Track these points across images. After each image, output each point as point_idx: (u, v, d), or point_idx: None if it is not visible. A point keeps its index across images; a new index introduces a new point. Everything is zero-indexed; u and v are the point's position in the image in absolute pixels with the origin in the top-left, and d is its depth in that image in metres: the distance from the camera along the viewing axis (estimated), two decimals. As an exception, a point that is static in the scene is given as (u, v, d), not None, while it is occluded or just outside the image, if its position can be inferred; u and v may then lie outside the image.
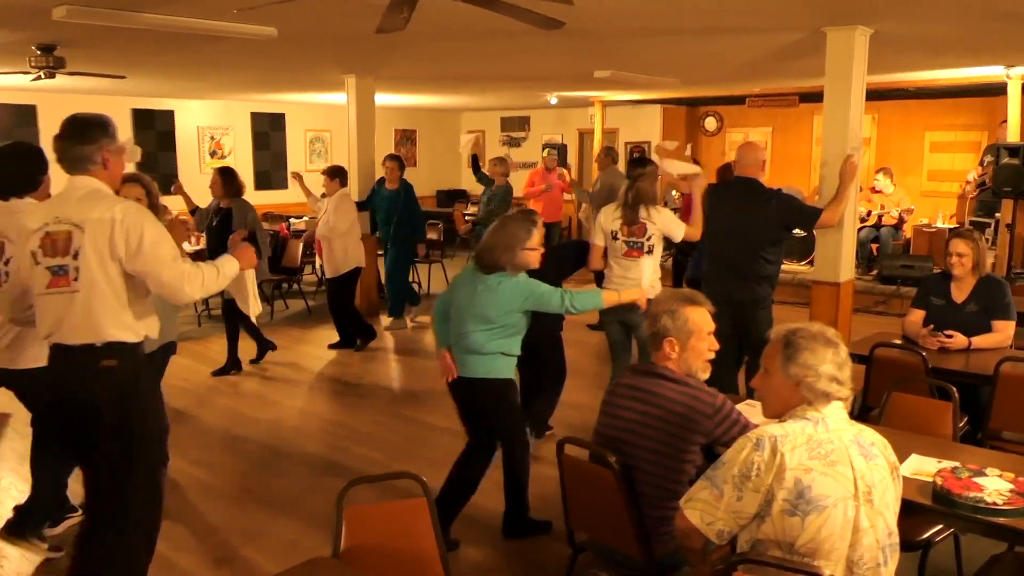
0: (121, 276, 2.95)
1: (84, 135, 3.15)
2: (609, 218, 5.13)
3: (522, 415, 4.09)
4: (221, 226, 6.75)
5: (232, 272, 3.19)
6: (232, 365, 7.17)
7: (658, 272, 5.16)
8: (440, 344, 3.96)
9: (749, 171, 5.25)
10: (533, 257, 3.75)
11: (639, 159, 5.36)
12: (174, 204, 7.53)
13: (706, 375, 3.00)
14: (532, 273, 3.79)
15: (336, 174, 7.87)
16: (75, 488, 4.04)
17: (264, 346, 7.52)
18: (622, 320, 5.02)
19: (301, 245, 9.82)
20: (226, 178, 6.90)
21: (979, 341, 4.48)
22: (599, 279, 5.76)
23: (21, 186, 3.70)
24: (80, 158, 3.09)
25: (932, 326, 4.62)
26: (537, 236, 3.76)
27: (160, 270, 2.95)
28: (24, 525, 3.85)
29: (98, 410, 2.94)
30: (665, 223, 5.08)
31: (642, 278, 5.00)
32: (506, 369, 3.85)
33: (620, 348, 5.19)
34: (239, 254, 3.25)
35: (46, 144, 11.10)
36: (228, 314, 7.09)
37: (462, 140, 9.40)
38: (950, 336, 4.50)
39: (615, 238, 5.09)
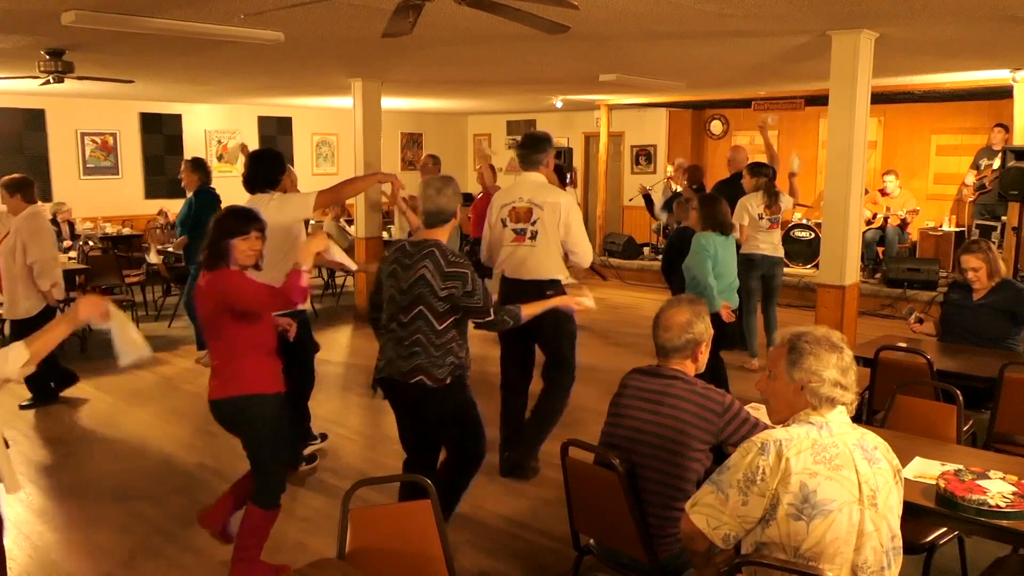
0: (559, 238, 4.62)
1: (536, 146, 4.69)
2: (755, 204, 7.14)
3: None
4: None
5: None
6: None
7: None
8: (718, 302, 5.40)
9: (741, 167, 7.62)
10: None
11: (765, 164, 7.55)
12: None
13: (702, 369, 3.10)
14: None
15: (18, 187, 6.07)
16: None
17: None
18: (763, 275, 7.23)
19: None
20: None
21: None
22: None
23: (264, 184, 4.80)
24: (533, 161, 4.68)
25: (916, 313, 5.18)
26: None
27: (578, 243, 4.62)
28: None
29: (540, 320, 4.19)
30: (787, 202, 7.42)
31: (778, 243, 7.29)
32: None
33: (756, 296, 7.26)
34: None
35: (53, 147, 11.26)
36: None
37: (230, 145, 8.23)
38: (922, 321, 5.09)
39: (760, 217, 7.12)
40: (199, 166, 7.55)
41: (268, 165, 4.90)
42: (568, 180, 11.62)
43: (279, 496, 3.65)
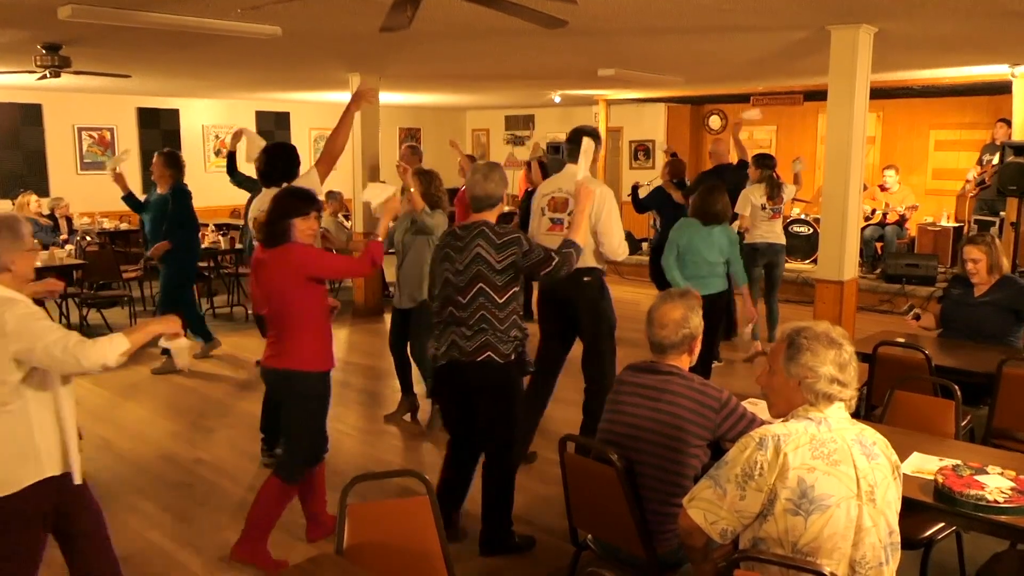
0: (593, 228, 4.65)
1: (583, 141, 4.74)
2: (758, 195, 7.38)
3: None
4: None
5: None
6: None
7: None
8: (681, 283, 5.69)
9: (724, 159, 7.95)
10: None
11: (770, 156, 7.80)
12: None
13: (695, 362, 3.11)
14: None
15: None
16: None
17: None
18: (767, 262, 7.48)
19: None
20: None
21: None
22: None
23: (282, 178, 4.88)
24: (577, 155, 4.73)
25: (916, 310, 5.07)
26: None
27: (605, 234, 4.62)
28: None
29: (579, 306, 4.70)
30: (790, 193, 7.70)
31: (780, 232, 7.53)
32: (722, 284, 5.97)
33: (757, 285, 7.51)
34: None
35: (50, 142, 11.14)
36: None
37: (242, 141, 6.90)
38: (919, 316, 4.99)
39: (763, 208, 7.36)
40: (174, 161, 7.07)
41: (285, 159, 5.03)
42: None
43: (302, 472, 3.79)
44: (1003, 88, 9.33)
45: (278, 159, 5.02)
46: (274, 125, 14.30)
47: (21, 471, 2.67)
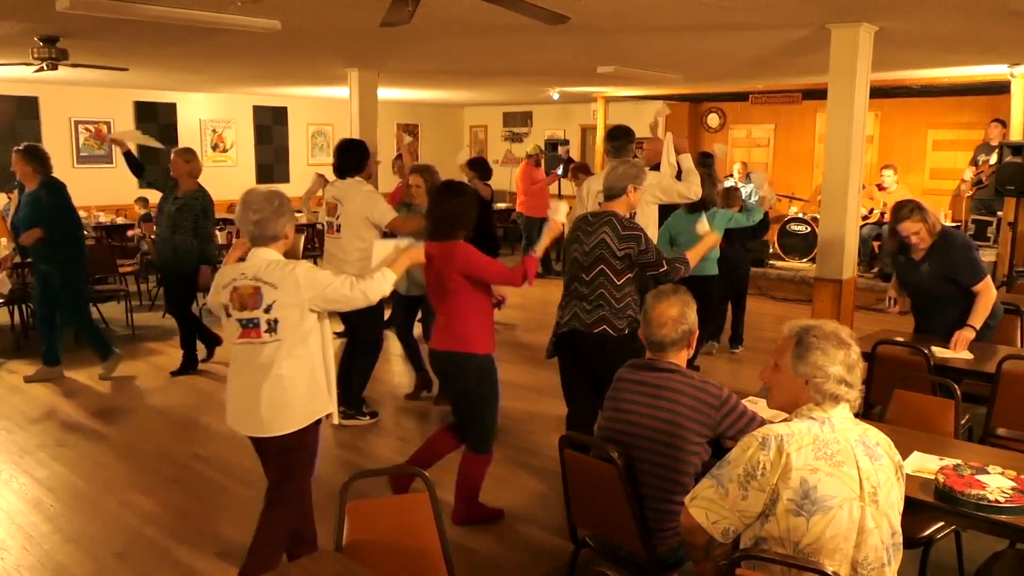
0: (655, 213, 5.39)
1: (627, 137, 5.49)
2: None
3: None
4: None
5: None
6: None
7: None
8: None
9: (656, 160, 7.31)
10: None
11: (707, 153, 7.94)
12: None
13: (691, 354, 3.13)
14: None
15: None
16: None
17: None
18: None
19: (302, 239, 9.80)
20: None
21: (975, 321, 4.50)
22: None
23: (354, 170, 5.56)
24: (628, 151, 5.37)
25: (893, 296, 5.14)
26: None
27: (672, 189, 5.29)
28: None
29: None
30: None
31: None
32: (713, 269, 6.67)
33: None
34: None
35: (47, 135, 11.11)
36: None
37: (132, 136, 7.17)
38: (895, 302, 5.12)
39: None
40: (35, 155, 6.31)
41: (357, 154, 5.59)
42: (563, 173, 11.73)
43: (491, 443, 4.12)
44: (1000, 88, 9.34)
45: (352, 154, 5.57)
46: (271, 120, 14.26)
47: (313, 405, 3.23)
